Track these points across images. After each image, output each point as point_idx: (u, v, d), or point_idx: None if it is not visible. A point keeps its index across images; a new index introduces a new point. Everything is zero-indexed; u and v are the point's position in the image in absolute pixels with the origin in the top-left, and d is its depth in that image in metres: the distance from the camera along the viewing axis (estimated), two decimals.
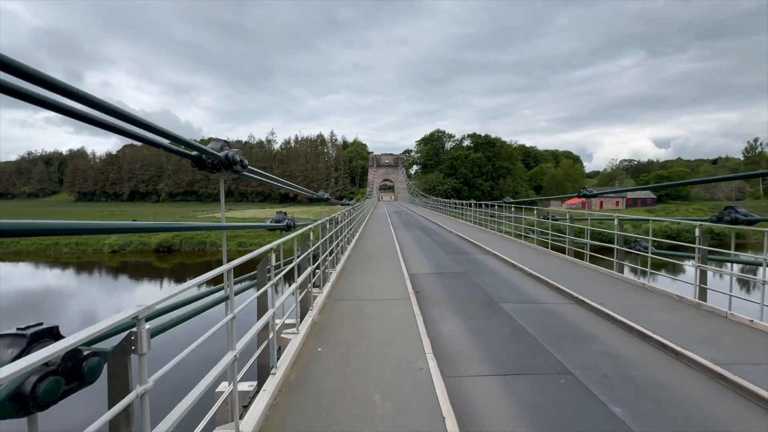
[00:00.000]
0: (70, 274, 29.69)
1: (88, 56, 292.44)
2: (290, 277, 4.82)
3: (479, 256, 10.95)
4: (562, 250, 10.85)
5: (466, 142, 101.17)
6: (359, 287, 7.09)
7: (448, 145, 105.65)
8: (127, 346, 1.62)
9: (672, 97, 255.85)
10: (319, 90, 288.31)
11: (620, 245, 8.04)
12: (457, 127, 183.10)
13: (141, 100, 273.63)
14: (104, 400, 1.72)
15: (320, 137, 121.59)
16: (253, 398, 3.66)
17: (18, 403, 1.44)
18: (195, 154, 3.30)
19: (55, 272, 30.42)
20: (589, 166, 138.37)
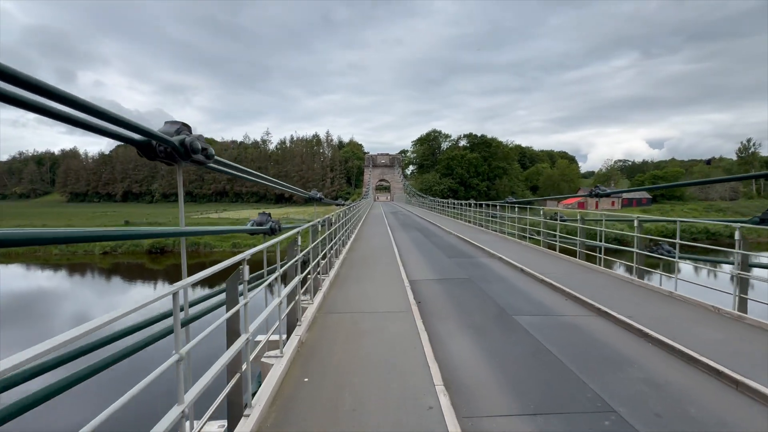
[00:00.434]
0: (61, 276, 28.87)
1: (81, 55, 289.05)
2: (280, 285, 4.08)
3: (483, 259, 10.24)
4: (569, 252, 10.18)
5: (463, 142, 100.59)
6: (354, 297, 6.36)
7: (445, 145, 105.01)
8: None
9: (665, 98, 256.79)
10: (315, 90, 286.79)
11: (640, 248, 7.36)
12: (453, 128, 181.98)
13: (134, 100, 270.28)
14: None
15: (316, 137, 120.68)
16: None
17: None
18: (140, 139, 2.54)
19: (47, 274, 29.59)
20: (583, 167, 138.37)
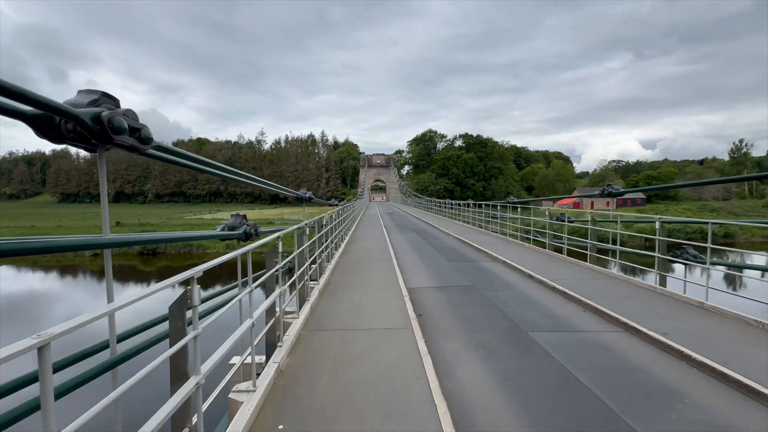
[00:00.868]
0: (52, 278, 27.94)
1: (73, 54, 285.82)
2: (250, 303, 3.33)
3: (486, 263, 9.53)
4: (576, 255, 9.50)
5: (458, 143, 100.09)
6: (347, 309, 5.61)
7: (440, 145, 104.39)
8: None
9: (658, 100, 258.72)
10: (310, 90, 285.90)
11: (663, 253, 6.68)
12: (448, 128, 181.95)
13: (128, 100, 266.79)
14: None
15: (311, 137, 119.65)
16: None
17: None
18: (33, 113, 1.75)
19: (38, 276, 28.62)
20: (578, 167, 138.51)
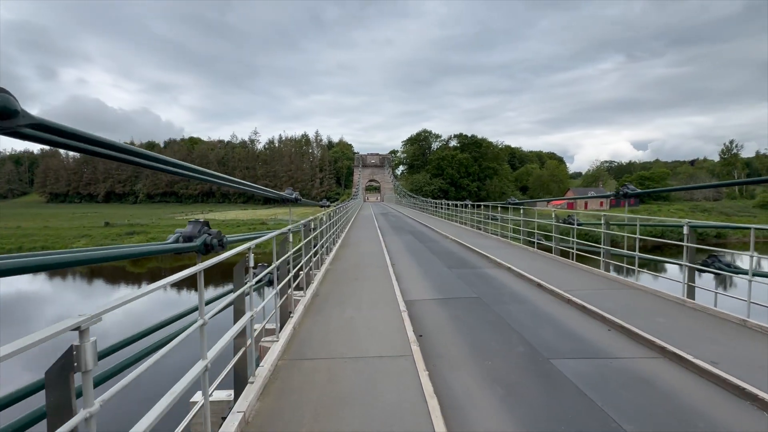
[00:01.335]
0: (40, 280, 26.78)
1: (63, 52, 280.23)
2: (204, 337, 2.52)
3: (490, 270, 8.78)
4: (584, 260, 8.80)
5: (453, 143, 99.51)
6: (336, 330, 4.82)
7: (435, 145, 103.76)
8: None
9: (649, 101, 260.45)
10: (304, 90, 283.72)
11: (690, 260, 5.96)
12: (442, 128, 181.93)
13: (119, 98, 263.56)
14: None
15: (305, 137, 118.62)
16: None
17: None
18: None
19: (25, 277, 27.43)
20: (571, 167, 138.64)
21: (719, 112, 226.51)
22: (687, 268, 5.95)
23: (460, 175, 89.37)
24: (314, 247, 7.48)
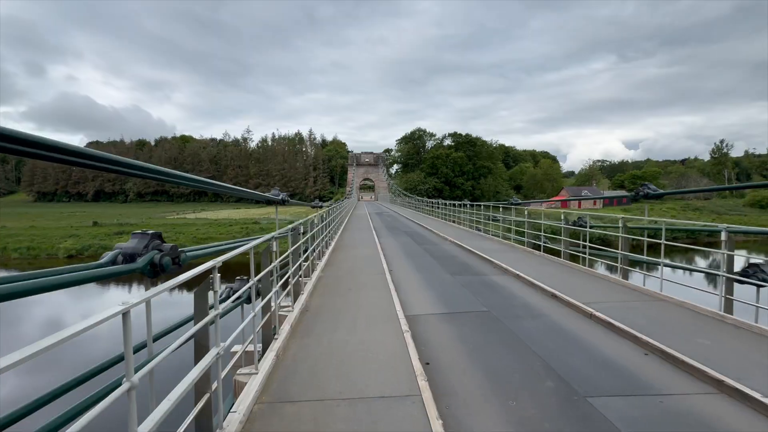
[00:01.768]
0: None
1: (52, 48, 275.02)
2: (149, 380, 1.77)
3: (496, 277, 8.08)
4: (591, 263, 8.14)
5: (447, 141, 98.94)
6: (326, 359, 4.06)
7: (429, 144, 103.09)
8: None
9: (640, 100, 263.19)
10: (298, 88, 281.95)
11: (729, 270, 5.30)
12: (436, 127, 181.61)
13: (109, 96, 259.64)
14: None
15: (298, 135, 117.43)
16: None
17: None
18: None
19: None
20: (563, 167, 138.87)
21: (708, 111, 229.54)
22: (724, 278, 5.28)
23: (454, 173, 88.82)
24: (304, 253, 6.74)
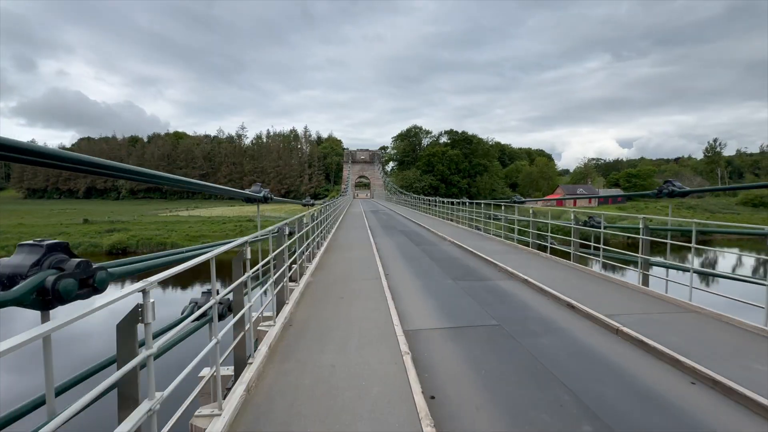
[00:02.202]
0: None
1: (42, 43, 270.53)
2: None
3: (502, 283, 7.39)
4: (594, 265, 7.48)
5: (443, 139, 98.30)
6: (309, 392, 3.30)
7: (425, 141, 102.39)
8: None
9: (634, 99, 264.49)
10: (294, 85, 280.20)
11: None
12: (432, 125, 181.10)
13: (102, 92, 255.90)
14: None
15: (293, 132, 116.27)
16: None
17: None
18: None
19: None
20: (558, 165, 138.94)
21: (701, 111, 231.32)
22: None
23: (450, 171, 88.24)
24: (291, 257, 5.99)
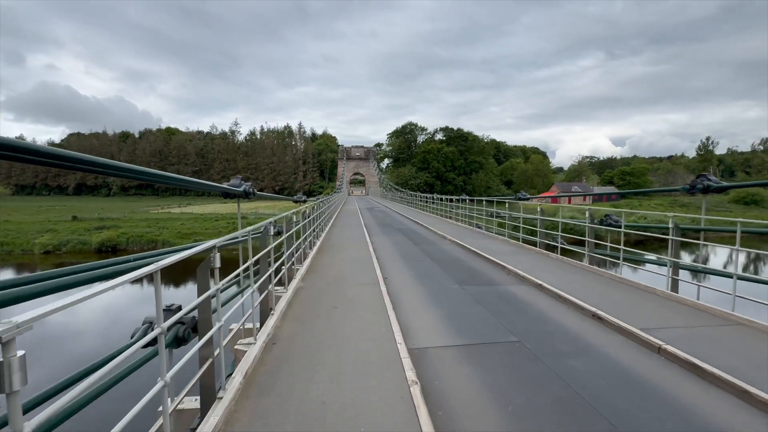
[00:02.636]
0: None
1: (31, 36, 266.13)
2: None
3: (514, 288, 6.69)
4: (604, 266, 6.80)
5: (439, 136, 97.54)
6: None
7: (421, 138, 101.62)
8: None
9: (627, 98, 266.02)
10: (288, 81, 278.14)
11: None
12: (427, 122, 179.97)
13: (92, 86, 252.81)
14: None
15: (287, 129, 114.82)
16: None
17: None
18: None
19: None
20: (552, 163, 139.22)
21: (693, 110, 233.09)
22: None
23: (446, 168, 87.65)
24: (277, 261, 5.23)
